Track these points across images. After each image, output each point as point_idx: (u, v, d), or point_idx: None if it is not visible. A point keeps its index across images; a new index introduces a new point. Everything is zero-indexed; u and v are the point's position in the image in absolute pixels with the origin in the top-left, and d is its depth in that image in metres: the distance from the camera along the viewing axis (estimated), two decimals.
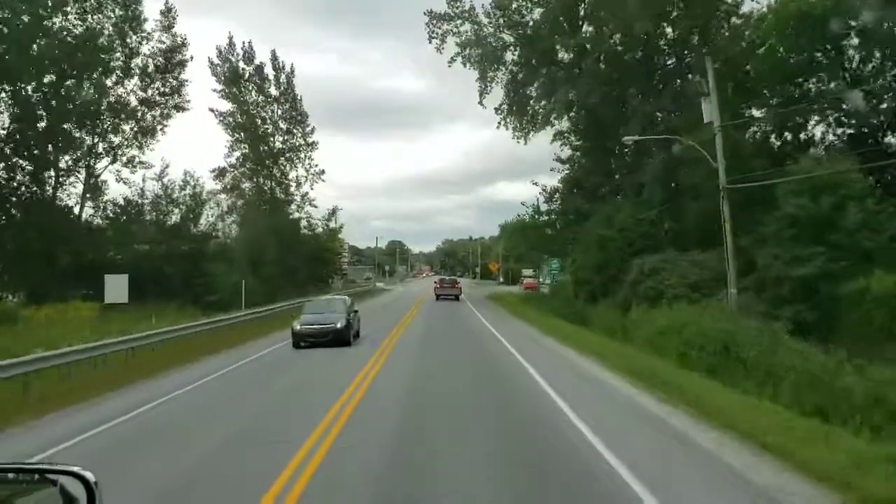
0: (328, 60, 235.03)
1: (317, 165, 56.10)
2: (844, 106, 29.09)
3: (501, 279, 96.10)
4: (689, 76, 36.02)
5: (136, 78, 34.94)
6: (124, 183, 36.39)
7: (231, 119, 51.93)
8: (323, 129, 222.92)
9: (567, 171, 44.63)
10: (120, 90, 34.82)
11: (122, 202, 35.81)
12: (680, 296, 23.35)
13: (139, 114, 35.31)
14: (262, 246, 46.19)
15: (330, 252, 65.09)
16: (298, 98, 54.96)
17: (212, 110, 51.27)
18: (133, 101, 35.34)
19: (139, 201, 36.48)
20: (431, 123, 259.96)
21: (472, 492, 6.82)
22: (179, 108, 36.26)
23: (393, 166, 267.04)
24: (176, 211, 38.01)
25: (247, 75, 52.25)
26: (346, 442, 8.94)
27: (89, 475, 2.12)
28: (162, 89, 35.49)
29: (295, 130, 55.22)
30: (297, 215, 57.11)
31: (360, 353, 19.42)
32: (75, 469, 2.16)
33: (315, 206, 56.76)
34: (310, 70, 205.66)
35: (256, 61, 52.58)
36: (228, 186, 51.34)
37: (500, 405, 11.69)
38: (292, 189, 55.57)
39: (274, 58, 53.96)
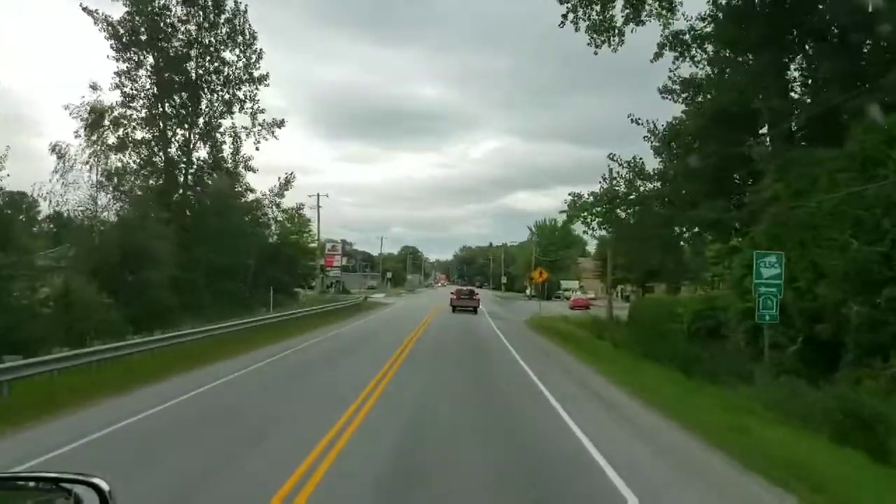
0: (347, 67, 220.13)
1: (263, 111, 36.02)
2: None
3: (532, 293, 75.31)
4: None
5: None
6: None
7: (121, 28, 32.14)
8: (339, 136, 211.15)
9: (690, 101, 24.44)
10: None
11: None
12: None
13: None
14: (147, 237, 26.09)
15: (296, 248, 45.12)
16: (238, 4, 34.80)
17: (86, 10, 31.49)
18: None
19: None
20: (450, 131, 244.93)
21: None
22: None
23: (410, 174, 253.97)
24: None
25: None
26: None
27: (104, 485, 2.06)
28: None
29: (230, 55, 35.08)
30: (248, 197, 37.34)
31: None
32: (84, 477, 2.11)
33: (253, 171, 36.41)
34: (328, 77, 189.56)
35: None
36: (113, 140, 31.44)
37: None
38: (225, 146, 35.58)
39: None
